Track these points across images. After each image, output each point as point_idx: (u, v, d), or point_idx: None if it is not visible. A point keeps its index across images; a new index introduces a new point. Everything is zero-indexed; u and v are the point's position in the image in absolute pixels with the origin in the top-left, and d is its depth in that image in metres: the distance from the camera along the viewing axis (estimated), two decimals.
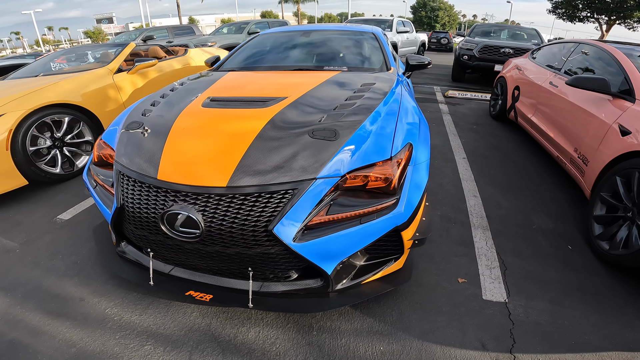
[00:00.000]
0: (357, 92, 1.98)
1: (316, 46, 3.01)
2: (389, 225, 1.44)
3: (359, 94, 1.94)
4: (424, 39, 10.95)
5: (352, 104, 1.79)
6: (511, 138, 4.21)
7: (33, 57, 5.55)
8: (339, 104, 1.79)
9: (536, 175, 3.16)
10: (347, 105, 1.77)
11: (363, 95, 1.92)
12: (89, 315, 1.60)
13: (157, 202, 1.41)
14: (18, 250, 2.07)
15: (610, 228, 2.07)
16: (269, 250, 1.39)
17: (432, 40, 20.26)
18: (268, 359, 1.42)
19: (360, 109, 1.73)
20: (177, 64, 4.40)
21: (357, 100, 1.84)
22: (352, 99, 1.87)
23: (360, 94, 1.94)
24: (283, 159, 1.41)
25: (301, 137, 1.51)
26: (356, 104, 1.79)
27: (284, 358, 1.43)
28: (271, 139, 1.50)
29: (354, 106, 1.76)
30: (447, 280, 1.84)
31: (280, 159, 1.41)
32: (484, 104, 6.00)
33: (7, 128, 2.49)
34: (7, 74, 3.81)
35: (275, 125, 1.58)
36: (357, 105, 1.78)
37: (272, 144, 1.48)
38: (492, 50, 7.12)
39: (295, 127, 1.58)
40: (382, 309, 1.67)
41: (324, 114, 1.68)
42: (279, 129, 1.56)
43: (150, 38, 8.23)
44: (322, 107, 1.76)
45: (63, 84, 3.07)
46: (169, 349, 1.45)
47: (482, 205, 2.62)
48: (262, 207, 1.33)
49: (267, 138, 1.50)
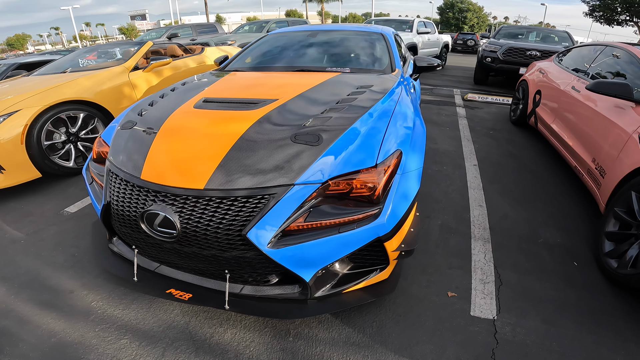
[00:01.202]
0: (351, 95, 1.94)
1: (322, 47, 2.99)
2: (370, 235, 1.39)
3: (352, 97, 1.90)
4: (447, 41, 10.64)
5: (343, 107, 1.76)
6: (530, 145, 4.02)
7: (61, 54, 5.83)
8: (329, 107, 1.75)
9: (552, 187, 2.99)
10: (336, 109, 1.74)
11: (356, 98, 1.88)
12: (75, 307, 1.66)
13: (139, 201, 1.44)
14: (23, 241, 2.18)
15: (620, 245, 1.93)
16: (244, 255, 1.38)
17: (458, 41, 19.71)
18: None
19: (349, 113, 1.69)
20: (192, 62, 4.50)
21: (348, 104, 1.80)
22: (344, 101, 1.84)
23: (353, 97, 1.90)
24: (262, 163, 1.40)
25: (283, 141, 1.49)
26: (346, 107, 1.75)
27: None
28: (252, 142, 1.49)
29: (344, 110, 1.72)
30: (436, 293, 1.77)
31: (259, 164, 1.40)
32: (505, 108, 5.76)
33: (23, 123, 2.63)
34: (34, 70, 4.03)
35: (259, 129, 1.57)
36: (347, 108, 1.74)
37: (252, 147, 1.46)
38: (517, 52, 6.83)
39: (279, 130, 1.56)
40: (364, 319, 1.63)
41: (311, 118, 1.65)
42: (262, 133, 1.54)
43: (175, 36, 8.47)
44: (311, 110, 1.74)
45: (80, 81, 3.21)
46: (144, 344, 1.48)
47: (487, 215, 2.50)
48: (237, 211, 1.33)
49: (248, 141, 1.49)
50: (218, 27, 9.96)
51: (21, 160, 2.64)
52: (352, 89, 2.04)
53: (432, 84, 7.77)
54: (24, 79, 3.59)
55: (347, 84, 2.18)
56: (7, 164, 2.57)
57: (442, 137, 4.19)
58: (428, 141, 4.02)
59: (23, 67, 5.16)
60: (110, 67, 3.58)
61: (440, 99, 6.33)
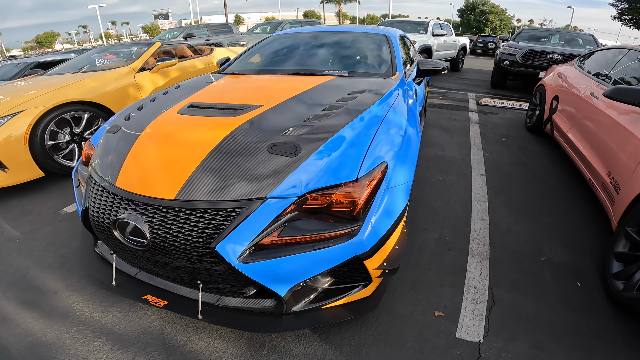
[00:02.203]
0: (340, 101, 1.87)
1: (322, 49, 2.92)
2: (348, 253, 1.32)
3: (340, 103, 1.83)
4: (465, 43, 10.34)
5: (328, 114, 1.69)
6: (544, 154, 3.82)
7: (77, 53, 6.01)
8: (313, 114, 1.69)
9: (563, 200, 2.83)
10: (321, 116, 1.67)
11: (345, 104, 1.81)
12: (55, 308, 1.66)
13: (112, 208, 1.42)
14: (19, 240, 2.22)
15: (629, 267, 1.78)
16: (214, 267, 1.34)
17: (478, 44, 19.19)
18: None
19: (334, 121, 1.62)
20: (200, 63, 4.53)
21: (334, 111, 1.73)
22: (331, 108, 1.77)
23: (342, 103, 1.83)
24: (235, 175, 1.35)
25: (259, 151, 1.43)
26: (332, 114, 1.68)
27: None
28: (227, 152, 1.44)
29: (329, 117, 1.66)
30: (422, 311, 1.68)
31: (231, 175, 1.35)
32: (521, 114, 5.54)
33: (27, 123, 2.69)
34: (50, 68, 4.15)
35: (236, 137, 1.52)
36: (332, 116, 1.67)
37: (226, 158, 1.41)
38: (537, 55, 6.56)
39: (256, 139, 1.50)
40: (343, 336, 1.56)
41: (292, 126, 1.58)
42: (238, 142, 1.49)
43: (191, 35, 8.62)
44: (294, 118, 1.67)
45: (86, 82, 3.27)
46: (117, 347, 1.47)
47: (489, 230, 2.38)
48: (206, 223, 1.28)
49: (223, 151, 1.45)
50: (233, 28, 10.07)
51: (24, 159, 2.71)
52: (343, 94, 1.97)
53: (446, 87, 7.57)
54: (37, 78, 3.70)
55: (340, 88, 2.11)
56: (10, 163, 2.63)
57: (450, 144, 4.04)
58: (434, 148, 3.90)
59: (40, 66, 5.33)
60: (117, 68, 3.64)
61: (453, 103, 6.15)
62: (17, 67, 5.36)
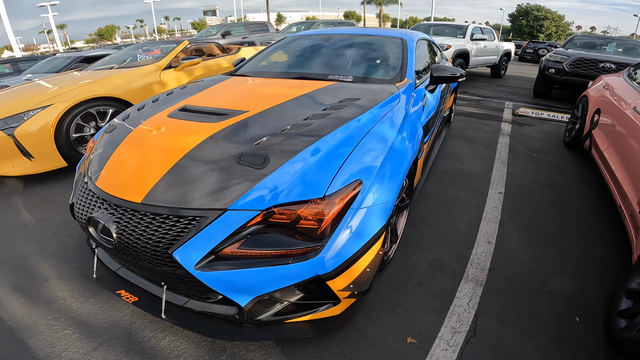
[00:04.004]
0: (328, 109, 1.80)
1: (331, 53, 2.85)
2: (308, 272, 1.28)
3: (327, 112, 1.77)
4: (509, 49, 9.67)
5: (308, 124, 1.64)
6: (578, 174, 3.48)
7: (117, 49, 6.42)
8: (294, 123, 1.64)
9: (586, 226, 2.55)
10: (300, 126, 1.62)
11: (330, 114, 1.74)
12: (41, 295, 1.77)
13: (90, 205, 1.48)
14: (31, 226, 2.40)
15: (638, 305, 1.57)
16: (175, 272, 1.35)
17: (528, 50, 17.99)
18: None
19: (311, 132, 1.57)
20: (225, 62, 4.64)
21: (316, 120, 1.67)
22: (315, 117, 1.71)
23: (328, 112, 1.76)
24: (200, 183, 1.35)
25: (227, 160, 1.42)
26: (312, 124, 1.63)
27: None
28: (197, 159, 1.45)
29: (308, 127, 1.60)
30: (394, 336, 1.58)
31: (197, 183, 1.35)
32: (561, 127, 5.09)
33: (54, 116, 2.91)
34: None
35: (209, 145, 1.52)
36: (312, 126, 1.61)
37: (196, 165, 1.42)
38: (587, 64, 6.00)
39: (228, 148, 1.49)
40: (306, 352, 1.51)
41: (267, 135, 1.55)
42: (210, 149, 1.49)
43: (228, 33, 8.92)
44: (273, 126, 1.64)
45: (113, 78, 3.47)
46: (84, 337, 1.54)
47: (492, 254, 2.20)
48: (167, 229, 1.29)
49: (194, 158, 1.45)
50: (269, 27, 10.27)
51: (49, 150, 2.93)
52: (335, 102, 1.90)
53: (482, 95, 7.16)
54: (75, 73, 4.00)
55: (335, 94, 2.04)
56: (36, 153, 2.86)
57: (472, 157, 3.80)
58: (453, 160, 3.68)
59: (86, 60, 5.77)
60: (143, 66, 3.84)
61: (485, 112, 5.80)
62: (66, 60, 5.83)
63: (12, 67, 6.61)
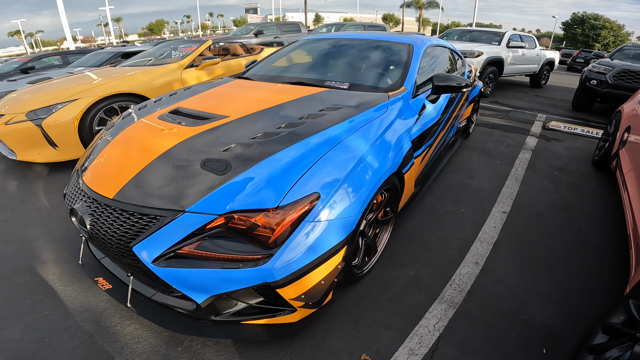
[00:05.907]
0: (305, 118, 1.83)
1: (334, 58, 2.86)
2: (256, 279, 1.33)
3: (301, 121, 1.79)
4: (552, 58, 8.99)
5: (278, 132, 1.68)
6: (599, 197, 3.23)
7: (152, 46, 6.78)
8: (265, 132, 1.69)
9: (592, 254, 2.38)
10: (270, 134, 1.67)
11: (304, 123, 1.77)
12: (35, 278, 1.96)
13: (74, 197, 1.63)
14: (45, 210, 2.65)
15: (611, 342, 1.45)
16: (137, 265, 1.45)
17: (578, 59, 16.76)
18: (119, 354, 1.53)
19: (278, 141, 1.60)
20: (246, 62, 4.78)
21: (288, 129, 1.70)
22: (289, 126, 1.74)
23: (302, 121, 1.79)
24: (166, 184, 1.44)
25: (193, 165, 1.50)
26: (282, 133, 1.67)
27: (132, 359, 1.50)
28: (168, 161, 1.54)
29: (277, 136, 1.64)
30: (350, 351, 1.59)
31: (163, 184, 1.45)
32: (594, 144, 4.73)
33: (79, 110, 3.17)
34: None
35: (181, 148, 1.61)
36: (282, 134, 1.65)
37: (165, 167, 1.51)
38: (633, 76, 5.52)
39: (198, 152, 1.57)
40: (259, 355, 1.56)
41: (235, 142, 1.61)
42: (182, 153, 1.58)
43: (261, 33, 9.17)
44: (245, 133, 1.69)
45: (138, 76, 3.71)
46: (58, 319, 1.69)
47: (477, 276, 2.12)
48: (131, 225, 1.40)
49: (165, 160, 1.55)
50: (301, 27, 10.40)
51: (73, 140, 3.20)
52: (314, 110, 1.92)
53: (514, 106, 6.80)
54: (106, 69, 4.32)
55: (319, 102, 2.06)
56: (60, 142, 3.14)
57: (484, 172, 3.64)
58: (462, 174, 3.55)
59: (125, 54, 6.17)
60: (167, 64, 4.06)
61: (512, 124, 5.51)
62: (109, 55, 6.28)
63: (61, 59, 7.23)
